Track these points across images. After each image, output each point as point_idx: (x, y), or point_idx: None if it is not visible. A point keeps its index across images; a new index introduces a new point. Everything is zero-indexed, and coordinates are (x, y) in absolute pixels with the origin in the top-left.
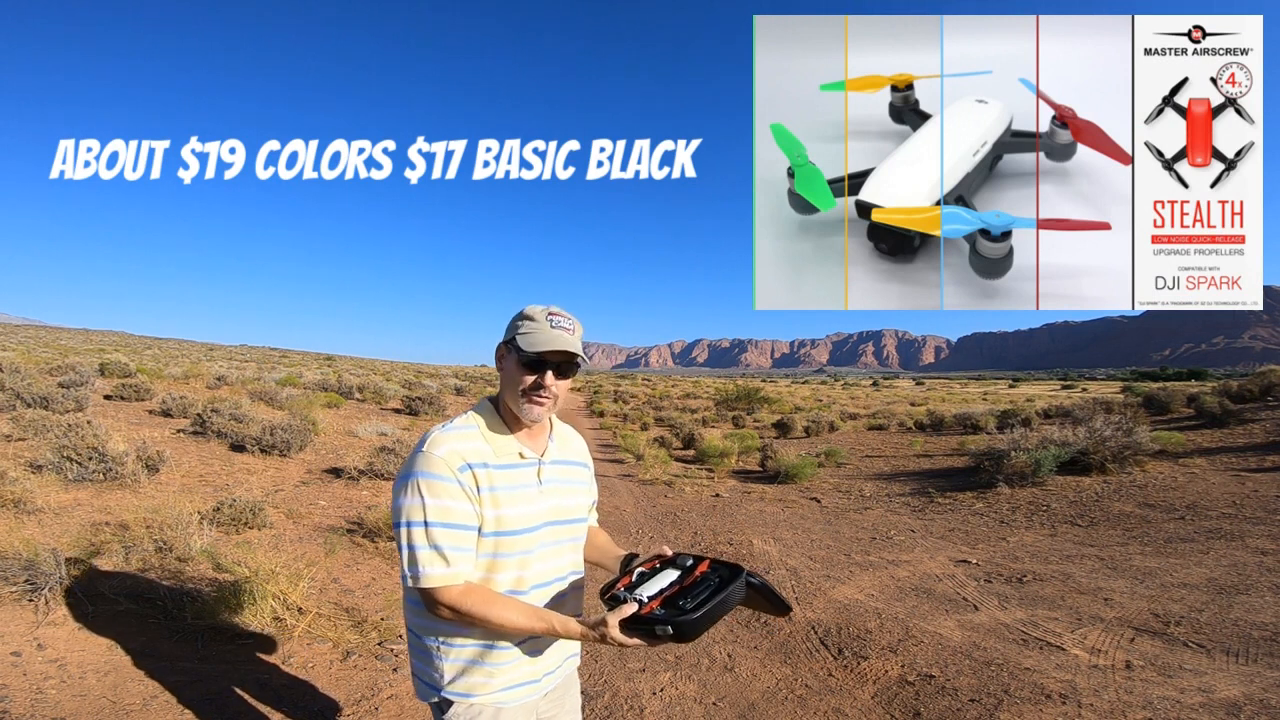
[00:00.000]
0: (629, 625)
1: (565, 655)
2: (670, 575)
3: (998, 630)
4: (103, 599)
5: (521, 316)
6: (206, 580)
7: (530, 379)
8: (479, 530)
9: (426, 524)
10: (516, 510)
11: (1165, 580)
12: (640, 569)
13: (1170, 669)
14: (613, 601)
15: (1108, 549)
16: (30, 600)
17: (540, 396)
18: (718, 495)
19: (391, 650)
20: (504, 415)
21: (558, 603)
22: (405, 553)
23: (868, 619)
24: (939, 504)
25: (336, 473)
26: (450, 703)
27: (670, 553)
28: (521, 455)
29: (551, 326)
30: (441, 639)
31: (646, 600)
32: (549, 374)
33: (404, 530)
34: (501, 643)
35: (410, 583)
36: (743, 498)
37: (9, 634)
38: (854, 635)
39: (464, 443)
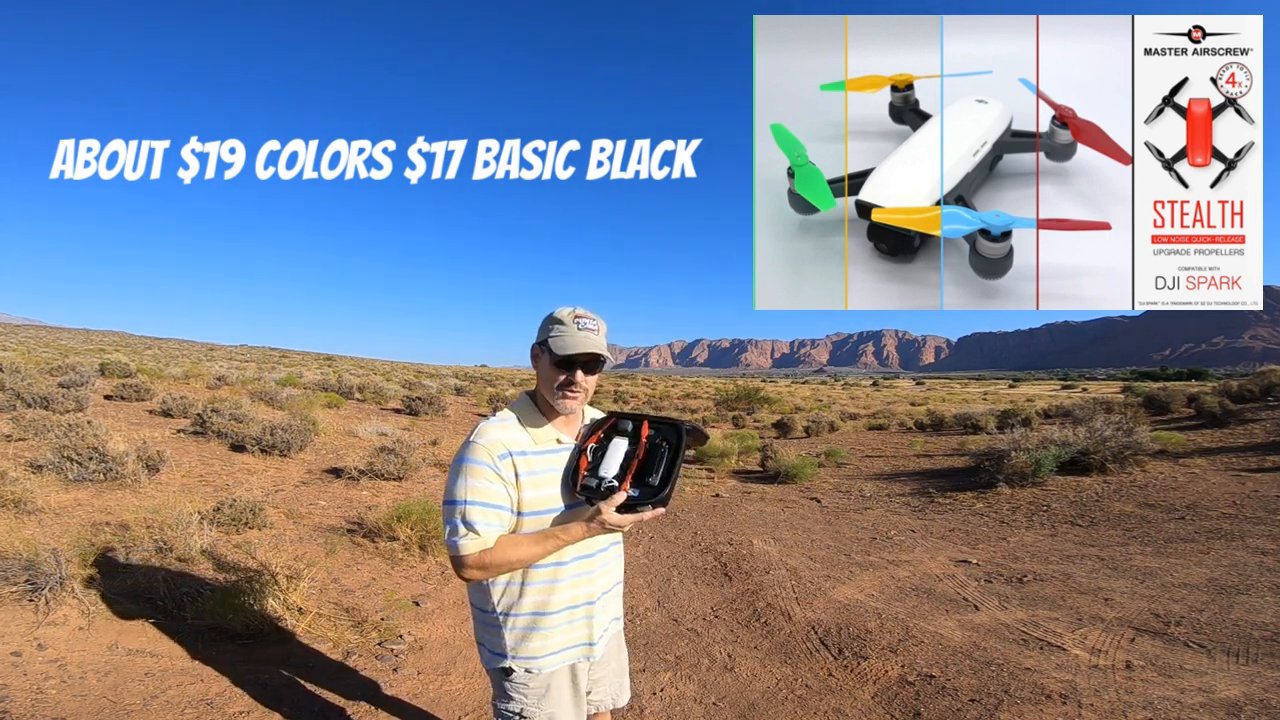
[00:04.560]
0: (619, 510)
1: (610, 618)
2: (621, 446)
3: (998, 630)
4: (102, 599)
5: (552, 320)
6: (206, 580)
7: (562, 377)
8: (514, 510)
9: (466, 502)
10: (556, 490)
11: (1165, 580)
12: (590, 445)
13: (1171, 669)
14: (587, 492)
15: (1108, 549)
16: (30, 600)
17: (572, 392)
18: (718, 495)
19: (391, 650)
20: (541, 407)
21: (600, 570)
22: (447, 527)
23: (868, 619)
24: (939, 504)
25: (336, 473)
26: (511, 670)
27: (606, 415)
28: (558, 441)
29: (579, 329)
30: (501, 611)
31: (617, 483)
32: (578, 372)
33: (447, 507)
34: (551, 612)
35: (450, 551)
36: (743, 498)
37: (9, 634)
38: (854, 635)
39: (505, 432)
